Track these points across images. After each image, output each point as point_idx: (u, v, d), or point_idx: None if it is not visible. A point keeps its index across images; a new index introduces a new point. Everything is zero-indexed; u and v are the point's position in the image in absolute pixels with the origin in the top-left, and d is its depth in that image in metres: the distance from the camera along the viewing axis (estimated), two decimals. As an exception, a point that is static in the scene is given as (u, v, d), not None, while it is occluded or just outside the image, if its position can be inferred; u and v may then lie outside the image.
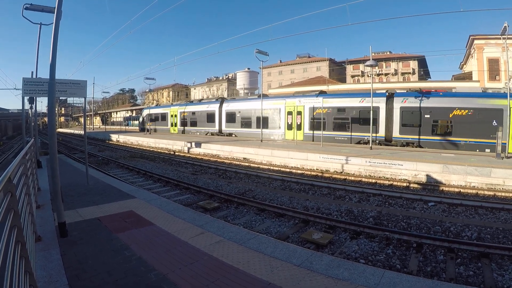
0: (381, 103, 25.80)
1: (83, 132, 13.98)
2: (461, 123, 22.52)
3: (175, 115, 48.74)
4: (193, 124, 44.63)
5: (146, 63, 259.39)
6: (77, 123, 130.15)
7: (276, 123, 32.68)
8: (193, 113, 44.81)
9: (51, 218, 7.22)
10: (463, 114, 22.43)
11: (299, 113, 30.55)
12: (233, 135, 37.60)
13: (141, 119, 60.78)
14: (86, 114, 13.73)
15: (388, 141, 25.65)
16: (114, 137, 46.52)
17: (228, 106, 38.64)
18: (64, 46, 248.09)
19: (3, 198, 2.89)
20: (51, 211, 7.74)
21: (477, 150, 21.53)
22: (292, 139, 30.65)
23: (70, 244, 5.88)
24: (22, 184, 4.73)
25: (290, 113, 31.43)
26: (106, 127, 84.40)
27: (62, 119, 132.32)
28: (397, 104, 25.22)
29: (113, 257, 5.38)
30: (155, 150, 32.16)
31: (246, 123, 36.16)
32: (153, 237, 6.32)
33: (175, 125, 48.78)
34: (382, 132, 25.76)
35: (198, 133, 43.25)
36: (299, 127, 30.50)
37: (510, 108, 20.07)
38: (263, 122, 31.49)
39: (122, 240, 6.10)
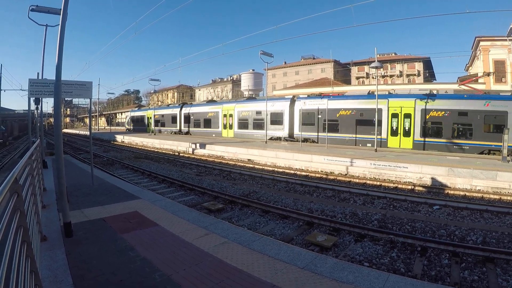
0: (285, 107, 33.13)
1: (88, 132, 14.03)
2: (345, 122, 28.08)
3: (150, 117, 56.58)
4: (162, 124, 53.61)
5: (151, 64, 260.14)
6: (82, 124, 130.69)
7: (216, 124, 41.68)
8: (162, 115, 54.00)
9: (56, 218, 7.25)
10: (347, 114, 27.87)
11: (231, 115, 39.34)
12: (190, 134, 46.55)
13: (126, 120, 71.52)
14: (91, 115, 13.82)
15: (291, 137, 32.32)
16: (119, 138, 46.67)
17: (185, 110, 47.79)
18: (70, 46, 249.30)
19: (9, 199, 2.91)
20: (57, 211, 7.78)
21: (360, 145, 26.86)
22: (226, 136, 39.81)
23: (75, 244, 5.90)
24: (28, 184, 4.75)
25: (224, 115, 40.42)
26: (111, 128, 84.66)
27: (68, 119, 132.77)
28: (298, 107, 31.49)
29: (117, 258, 5.39)
30: (160, 151, 32.27)
31: (197, 124, 45.10)
32: (158, 238, 6.34)
33: (150, 126, 56.05)
34: (286, 130, 32.89)
35: (166, 132, 51.96)
36: (225, 126, 40.45)
37: (389, 108, 25.44)
38: (248, 123, 37.60)
39: (127, 241, 6.12)
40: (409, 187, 14.79)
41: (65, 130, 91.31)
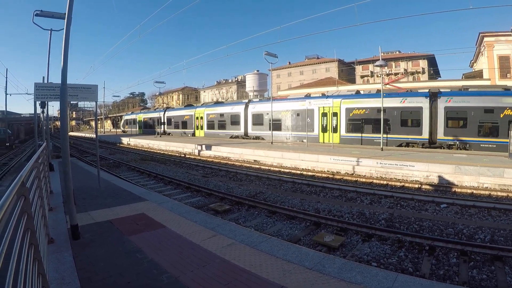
0: (241, 109, 38.12)
1: (94, 135, 14.08)
2: (286, 121, 33.22)
3: (141, 120, 66.01)
4: (150, 126, 61.23)
5: (156, 67, 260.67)
6: (88, 127, 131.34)
7: (191, 125, 47.55)
8: (150, 118, 62.01)
9: (63, 220, 7.27)
10: (287, 114, 33.24)
11: (202, 118, 44.82)
12: (170, 134, 52.65)
13: (122, 123, 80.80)
14: (97, 117, 13.85)
15: (246, 135, 36.76)
16: (125, 140, 46.85)
17: (167, 114, 54.72)
18: (74, 49, 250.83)
19: (17, 202, 2.91)
20: (64, 214, 7.81)
21: (297, 141, 31.43)
22: (198, 135, 45.82)
23: (83, 247, 5.91)
24: (35, 187, 4.76)
25: (197, 118, 46.12)
26: (117, 130, 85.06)
27: (73, 123, 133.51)
28: (250, 109, 37.20)
29: (125, 260, 5.39)
30: (166, 153, 32.32)
31: (176, 125, 51.44)
32: (165, 239, 6.33)
33: (140, 128, 65.72)
34: (242, 130, 38.02)
35: (152, 132, 58.81)
36: (197, 127, 46.01)
37: (319, 108, 29.89)
38: (214, 124, 42.75)
39: (134, 243, 6.12)
40: (416, 185, 14.71)
41: (71, 133, 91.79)
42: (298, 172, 19.16)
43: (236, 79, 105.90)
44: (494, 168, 14.08)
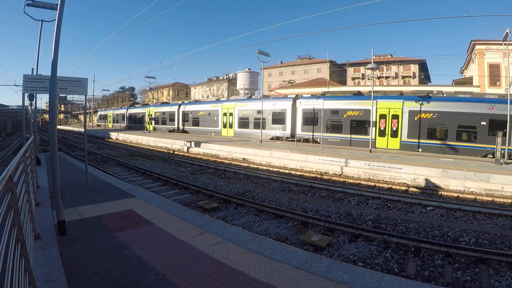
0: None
1: (82, 129, 13.95)
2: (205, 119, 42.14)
3: (110, 115, 76.31)
4: (117, 121, 70.65)
5: (147, 62, 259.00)
6: (76, 121, 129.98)
7: (172, 122, 49.53)
8: (117, 114, 71.85)
9: (50, 216, 7.20)
10: (203, 114, 42.64)
11: (174, 114, 48.83)
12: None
13: (96, 117, 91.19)
14: (86, 111, 13.79)
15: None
16: (113, 135, 46.48)
17: (129, 111, 63.56)
18: (65, 43, 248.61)
19: (3, 197, 2.88)
20: (50, 209, 7.72)
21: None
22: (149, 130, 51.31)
23: (69, 243, 5.87)
24: (22, 182, 4.72)
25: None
26: (105, 124, 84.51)
27: (62, 116, 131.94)
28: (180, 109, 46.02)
29: (112, 257, 5.37)
30: (154, 149, 32.12)
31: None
32: (153, 236, 6.32)
33: (110, 122, 75.10)
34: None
35: (118, 126, 67.66)
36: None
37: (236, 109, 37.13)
38: (191, 120, 45.67)
39: (121, 240, 6.09)
40: (403, 188, 14.84)
41: (59, 127, 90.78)
42: (287, 171, 19.20)
43: (227, 76, 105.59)
44: (480, 173, 14.26)
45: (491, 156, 21.23)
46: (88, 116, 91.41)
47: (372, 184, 15.68)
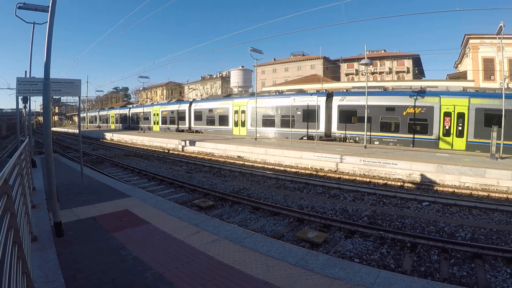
0: (186, 107, 44.17)
1: (77, 131, 13.92)
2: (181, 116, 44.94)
3: (113, 115, 74.40)
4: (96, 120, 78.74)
5: (140, 61, 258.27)
6: (71, 122, 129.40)
7: (148, 121, 54.20)
8: (94, 116, 79.88)
9: (46, 218, 7.19)
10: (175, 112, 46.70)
11: (158, 115, 51.33)
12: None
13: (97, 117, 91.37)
14: (80, 113, 13.76)
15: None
16: (108, 136, 46.32)
17: (195, 106, 54.82)
18: (57, 45, 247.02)
19: (-1, 200, 2.89)
20: (47, 211, 7.71)
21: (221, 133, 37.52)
22: (155, 129, 51.65)
23: (66, 244, 5.87)
24: (17, 184, 4.71)
25: (154, 115, 52.76)
26: (101, 125, 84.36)
27: (56, 118, 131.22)
28: (192, 107, 44.11)
29: (109, 257, 5.38)
30: (149, 148, 32.06)
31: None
32: (149, 236, 6.33)
33: (113, 123, 72.79)
34: (187, 124, 44.12)
35: (103, 126, 73.21)
36: (155, 123, 52.58)
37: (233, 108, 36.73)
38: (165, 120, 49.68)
39: (118, 240, 6.11)
40: (399, 183, 14.89)
41: (53, 129, 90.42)
42: (282, 168, 19.22)
43: (220, 74, 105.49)
44: (475, 168, 14.34)
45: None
46: (82, 117, 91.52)
47: (368, 180, 15.74)
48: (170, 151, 29.04)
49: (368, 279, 4.64)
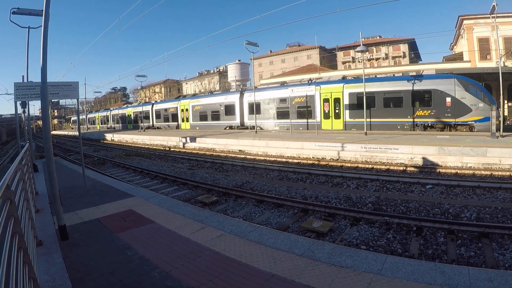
0: (149, 108, 50.83)
1: (77, 133, 13.90)
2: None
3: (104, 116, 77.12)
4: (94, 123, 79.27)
5: (137, 61, 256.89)
6: (70, 125, 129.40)
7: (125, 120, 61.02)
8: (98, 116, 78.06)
9: (50, 221, 7.19)
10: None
11: (130, 115, 58.55)
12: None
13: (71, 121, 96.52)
14: (79, 114, 13.78)
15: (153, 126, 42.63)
16: (108, 137, 46.35)
17: (113, 112, 66.99)
18: (53, 48, 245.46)
19: (2, 206, 2.88)
20: (51, 215, 7.72)
21: (197, 128, 41.02)
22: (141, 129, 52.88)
23: (72, 247, 5.87)
24: (20, 190, 4.71)
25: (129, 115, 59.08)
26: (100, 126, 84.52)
27: (56, 121, 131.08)
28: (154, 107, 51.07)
29: (115, 257, 5.38)
30: (150, 147, 32.08)
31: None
32: (154, 234, 6.33)
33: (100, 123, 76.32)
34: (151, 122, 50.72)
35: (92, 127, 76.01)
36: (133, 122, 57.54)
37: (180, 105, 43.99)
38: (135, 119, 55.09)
39: (123, 240, 6.11)
40: (401, 168, 14.89)
41: (53, 132, 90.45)
42: (284, 160, 19.23)
43: (218, 69, 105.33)
44: (477, 148, 14.33)
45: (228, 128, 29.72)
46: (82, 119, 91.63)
47: (370, 166, 15.74)
48: (171, 149, 29.09)
49: (375, 265, 4.64)
